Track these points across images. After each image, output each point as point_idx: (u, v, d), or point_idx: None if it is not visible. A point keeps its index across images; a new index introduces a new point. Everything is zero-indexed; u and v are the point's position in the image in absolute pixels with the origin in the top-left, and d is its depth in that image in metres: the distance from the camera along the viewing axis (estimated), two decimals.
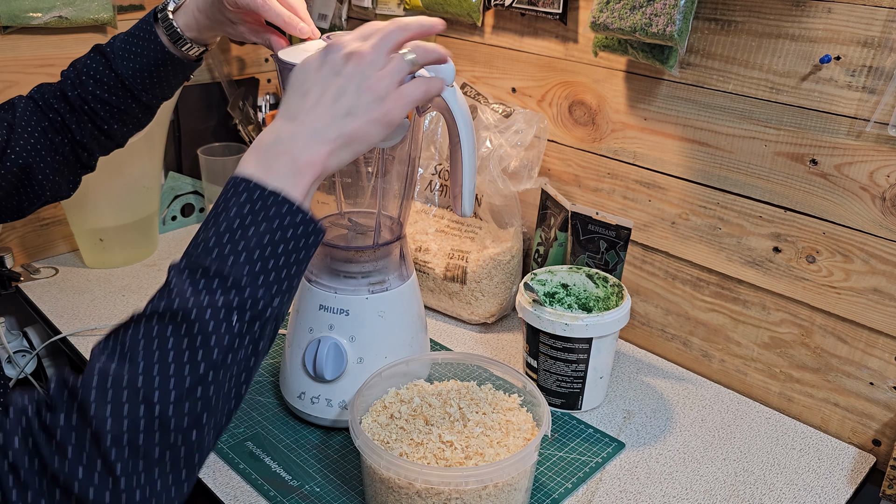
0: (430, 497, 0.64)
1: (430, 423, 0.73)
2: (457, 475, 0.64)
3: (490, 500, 0.66)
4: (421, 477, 0.64)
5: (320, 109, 0.55)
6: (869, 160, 0.78)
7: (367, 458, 0.67)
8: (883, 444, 0.84)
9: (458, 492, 0.64)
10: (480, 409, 0.74)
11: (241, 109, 1.32)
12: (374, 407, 0.76)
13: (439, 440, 0.70)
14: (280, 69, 0.72)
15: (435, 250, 1.04)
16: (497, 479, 0.64)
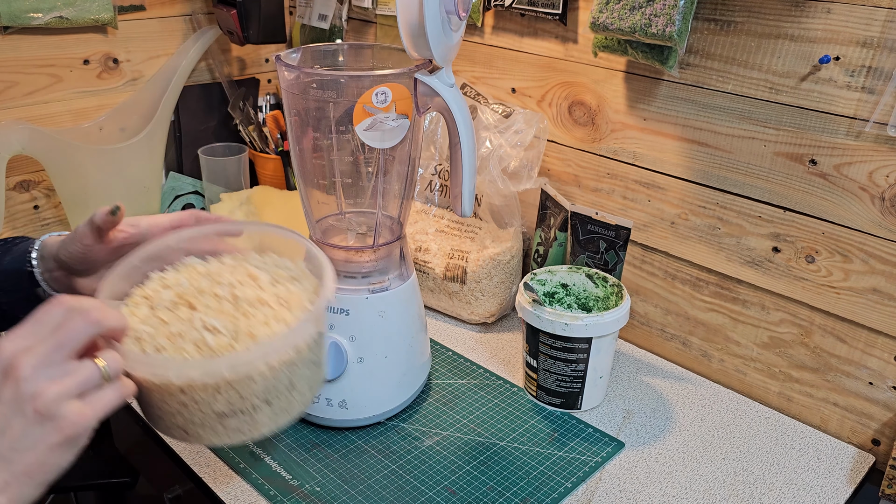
0: (197, 393, 0.52)
1: (194, 308, 0.57)
2: (213, 365, 0.51)
3: (269, 383, 0.53)
4: (175, 372, 0.51)
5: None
6: (868, 160, 0.78)
7: None
8: (882, 444, 0.84)
9: (226, 382, 0.51)
10: (257, 285, 0.59)
11: (242, 110, 1.32)
12: (132, 298, 0.59)
13: (203, 327, 0.55)
14: None
15: (435, 250, 1.05)
16: (269, 360, 0.52)
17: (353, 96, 0.73)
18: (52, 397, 0.45)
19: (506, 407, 0.89)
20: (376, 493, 0.75)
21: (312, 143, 0.81)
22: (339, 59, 0.86)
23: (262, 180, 1.35)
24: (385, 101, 0.73)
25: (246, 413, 0.53)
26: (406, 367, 0.85)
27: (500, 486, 0.77)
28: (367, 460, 0.80)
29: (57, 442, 0.46)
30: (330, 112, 0.77)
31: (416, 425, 0.85)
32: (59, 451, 0.46)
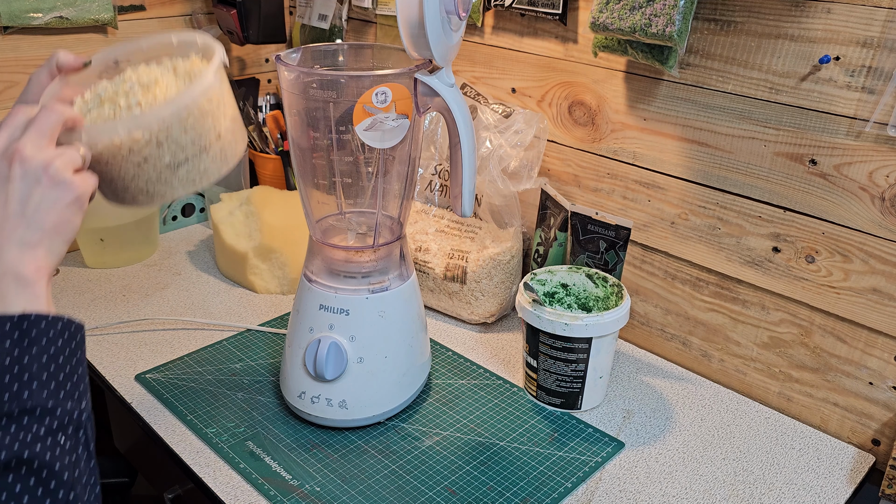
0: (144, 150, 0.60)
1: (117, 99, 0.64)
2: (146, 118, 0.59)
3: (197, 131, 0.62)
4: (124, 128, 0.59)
5: (11, 220, 0.54)
6: (868, 160, 0.78)
7: None
8: (882, 444, 0.84)
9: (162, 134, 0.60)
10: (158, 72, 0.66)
11: (242, 110, 1.32)
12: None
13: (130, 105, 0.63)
14: None
15: (435, 250, 1.05)
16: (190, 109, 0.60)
17: (353, 96, 0.73)
18: (60, 166, 0.55)
19: (506, 407, 0.89)
20: (376, 493, 0.75)
21: (312, 143, 0.81)
22: (339, 59, 0.86)
23: (262, 180, 1.35)
24: (385, 101, 0.73)
25: (190, 161, 0.63)
26: (406, 367, 0.85)
27: (500, 486, 0.77)
28: (367, 460, 0.80)
29: (70, 201, 0.55)
30: (330, 112, 0.77)
31: (416, 425, 0.85)
32: (72, 210, 0.56)
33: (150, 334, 1.01)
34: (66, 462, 0.50)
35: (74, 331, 0.55)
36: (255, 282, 1.12)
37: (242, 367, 0.95)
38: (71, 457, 0.51)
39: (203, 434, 0.82)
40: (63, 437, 0.51)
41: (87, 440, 0.53)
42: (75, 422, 0.52)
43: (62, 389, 0.52)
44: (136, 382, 0.91)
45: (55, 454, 0.50)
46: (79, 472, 0.51)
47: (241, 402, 0.88)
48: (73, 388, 0.53)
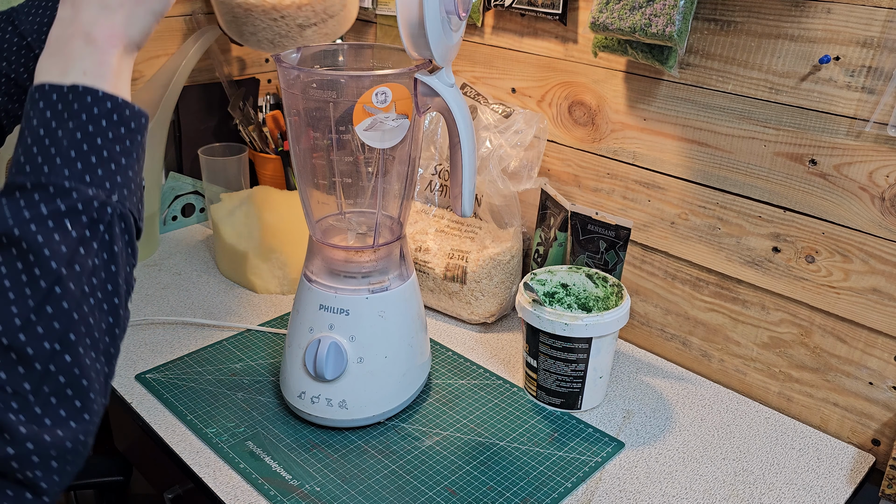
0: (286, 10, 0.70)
1: None
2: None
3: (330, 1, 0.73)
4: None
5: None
6: (868, 160, 0.78)
7: None
8: (882, 444, 0.84)
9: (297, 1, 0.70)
10: None
11: (242, 110, 1.32)
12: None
13: None
14: None
15: (435, 250, 1.05)
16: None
17: (353, 96, 0.73)
18: None
19: (506, 407, 0.89)
20: (376, 493, 0.75)
21: (312, 143, 0.81)
22: (339, 59, 0.86)
23: (261, 180, 1.35)
24: (385, 101, 0.73)
25: (318, 25, 0.73)
26: (406, 367, 0.85)
27: (500, 486, 0.77)
28: (367, 460, 0.80)
29: None
30: (330, 112, 0.77)
31: (416, 425, 0.85)
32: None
33: (150, 334, 1.01)
34: (61, 251, 0.44)
35: (128, 116, 0.49)
36: (255, 282, 1.12)
37: (242, 367, 0.95)
38: (71, 247, 0.45)
39: (203, 434, 0.82)
40: (70, 224, 0.45)
41: (107, 239, 0.47)
42: (93, 211, 0.46)
43: (89, 173, 0.46)
44: (136, 382, 0.91)
45: (50, 239, 0.44)
46: (78, 268, 0.45)
47: (241, 402, 0.88)
48: (105, 174, 0.47)
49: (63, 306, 0.44)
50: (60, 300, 0.44)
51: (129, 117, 0.49)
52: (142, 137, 0.50)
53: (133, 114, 0.49)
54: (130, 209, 0.49)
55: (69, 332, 0.44)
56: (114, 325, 0.48)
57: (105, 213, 0.47)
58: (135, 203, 0.50)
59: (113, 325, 0.48)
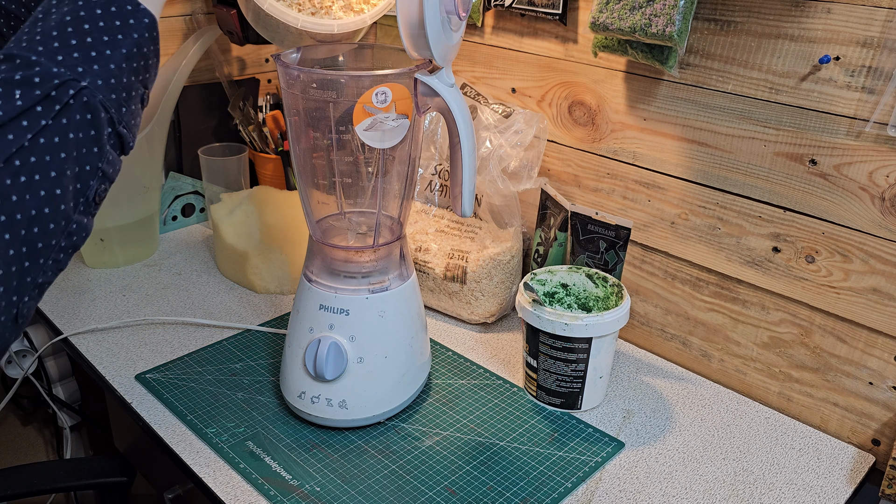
0: None
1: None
2: None
3: None
4: None
5: None
6: (868, 160, 0.78)
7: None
8: (882, 444, 0.84)
9: None
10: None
11: (242, 109, 1.32)
12: None
13: None
14: None
15: (435, 250, 1.05)
16: None
17: (353, 96, 0.73)
18: None
19: (506, 407, 0.89)
20: (376, 493, 0.75)
21: (312, 143, 0.81)
22: (339, 59, 0.86)
23: (261, 180, 1.35)
24: (385, 101, 0.73)
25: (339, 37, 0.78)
26: (406, 367, 0.85)
27: (500, 486, 0.77)
28: (367, 460, 0.80)
29: None
30: (330, 112, 0.77)
31: (416, 425, 0.85)
32: None
33: (150, 334, 1.01)
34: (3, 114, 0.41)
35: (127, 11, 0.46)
36: (255, 282, 1.12)
37: (242, 367, 0.95)
38: (9, 114, 0.41)
39: (203, 434, 0.82)
40: (19, 93, 0.42)
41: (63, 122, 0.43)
42: (50, 88, 0.43)
43: (63, 53, 0.44)
44: (136, 382, 0.91)
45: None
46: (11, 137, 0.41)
47: (241, 402, 0.88)
48: (80, 58, 0.44)
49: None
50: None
51: (127, 12, 0.47)
52: (139, 36, 0.47)
53: (134, 10, 0.47)
54: (104, 102, 0.45)
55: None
56: (47, 223, 0.43)
57: (65, 93, 0.43)
58: (115, 101, 0.46)
59: (46, 222, 0.43)
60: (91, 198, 0.47)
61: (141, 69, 0.48)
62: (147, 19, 0.48)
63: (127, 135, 0.48)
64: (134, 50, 0.47)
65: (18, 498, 0.94)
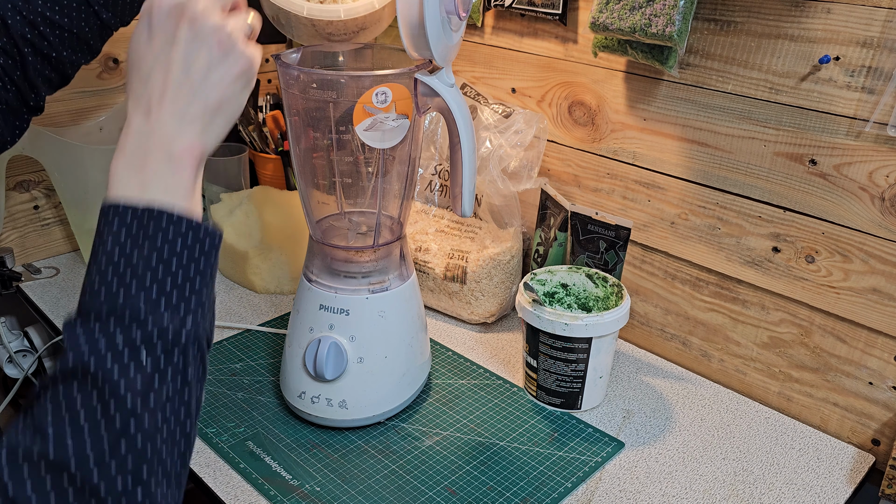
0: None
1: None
2: None
3: None
4: None
5: (173, 89, 0.49)
6: (868, 160, 0.78)
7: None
8: (882, 444, 0.84)
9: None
10: None
11: None
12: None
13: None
14: None
15: (435, 250, 1.05)
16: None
17: (353, 96, 0.73)
18: (233, 31, 0.50)
19: (506, 407, 0.89)
20: (376, 493, 0.75)
21: (312, 143, 0.81)
22: (339, 59, 0.86)
23: (262, 180, 1.35)
24: (385, 102, 0.73)
25: (349, 34, 0.78)
26: (406, 367, 0.85)
27: (500, 486, 0.77)
28: (367, 460, 0.80)
29: (239, 73, 0.51)
30: (330, 112, 0.77)
31: (416, 425, 0.85)
32: (240, 84, 0.51)
33: None
34: (136, 386, 0.43)
35: (202, 237, 0.48)
36: (255, 281, 1.12)
37: (242, 367, 0.95)
38: (146, 380, 0.44)
39: (203, 434, 0.82)
40: (146, 354, 0.44)
41: (181, 366, 0.46)
42: (168, 340, 0.45)
43: (164, 299, 0.46)
44: None
45: (125, 373, 0.43)
46: (153, 401, 0.44)
47: (241, 402, 0.88)
48: (179, 299, 0.46)
49: (137, 443, 0.43)
50: (135, 437, 0.43)
51: (203, 238, 0.48)
52: (215, 256, 0.49)
53: (207, 234, 0.48)
54: (204, 330, 0.48)
55: (142, 468, 0.43)
56: (185, 452, 0.47)
57: (179, 339, 0.46)
58: (207, 323, 0.49)
59: (184, 452, 0.47)
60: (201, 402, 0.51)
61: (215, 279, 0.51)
62: (217, 238, 0.49)
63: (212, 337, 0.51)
64: (213, 269, 0.49)
65: None
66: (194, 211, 0.49)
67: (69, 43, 0.72)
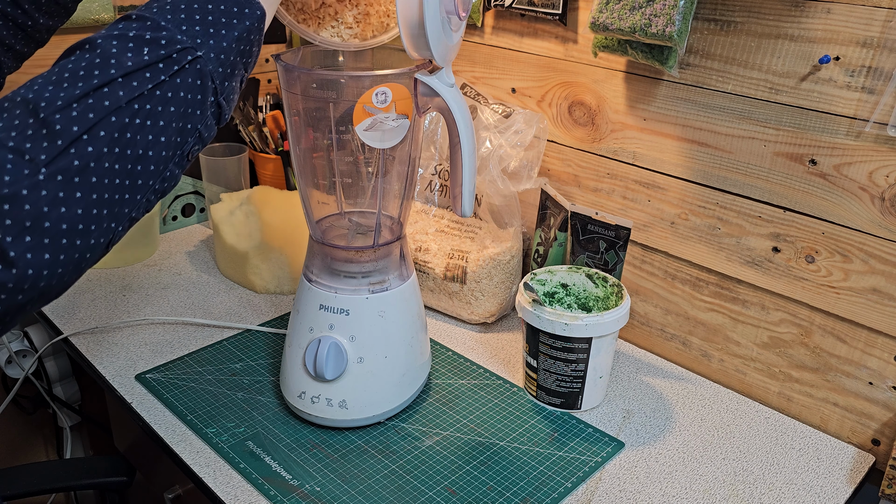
0: None
1: None
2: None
3: None
4: None
5: None
6: (868, 160, 0.78)
7: None
8: (882, 444, 0.84)
9: None
10: None
11: (242, 110, 1.32)
12: None
13: None
14: None
15: (435, 250, 1.05)
16: None
17: (353, 96, 0.73)
18: None
19: (506, 407, 0.89)
20: (376, 493, 0.75)
21: (312, 143, 0.81)
22: (339, 59, 0.86)
23: (262, 180, 1.35)
24: (385, 102, 0.73)
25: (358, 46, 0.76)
26: (406, 367, 0.85)
27: (500, 486, 0.77)
28: (367, 460, 0.80)
29: None
30: (330, 112, 0.77)
31: (416, 425, 0.85)
32: None
33: (150, 334, 1.01)
34: (126, 64, 0.48)
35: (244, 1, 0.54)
36: (255, 282, 1.12)
37: (242, 367, 0.95)
38: (137, 65, 0.48)
39: (203, 434, 0.83)
40: (147, 51, 0.49)
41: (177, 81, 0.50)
42: (173, 51, 0.50)
43: (187, 24, 0.51)
44: (136, 382, 0.91)
45: (122, 53, 0.48)
46: (135, 84, 0.48)
47: (241, 402, 0.88)
48: (201, 31, 0.51)
49: (104, 103, 0.47)
50: (104, 98, 0.47)
51: (245, 2, 0.54)
52: (250, 24, 0.55)
53: (251, 3, 0.55)
54: (212, 73, 0.52)
55: (100, 129, 0.46)
56: (149, 164, 0.50)
57: (184, 57, 0.50)
58: (221, 74, 0.53)
59: (148, 164, 0.50)
60: (186, 153, 0.54)
61: (245, 52, 0.56)
62: (259, 11, 0.55)
63: (225, 106, 0.56)
64: (244, 35, 0.55)
65: (18, 498, 0.94)
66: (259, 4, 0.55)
67: (46, 8, 0.73)
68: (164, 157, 0.51)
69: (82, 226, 0.46)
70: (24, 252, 0.44)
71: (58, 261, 0.46)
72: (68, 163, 0.45)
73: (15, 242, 0.43)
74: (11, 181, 0.43)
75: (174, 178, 0.54)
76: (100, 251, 0.49)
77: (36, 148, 0.44)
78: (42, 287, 0.45)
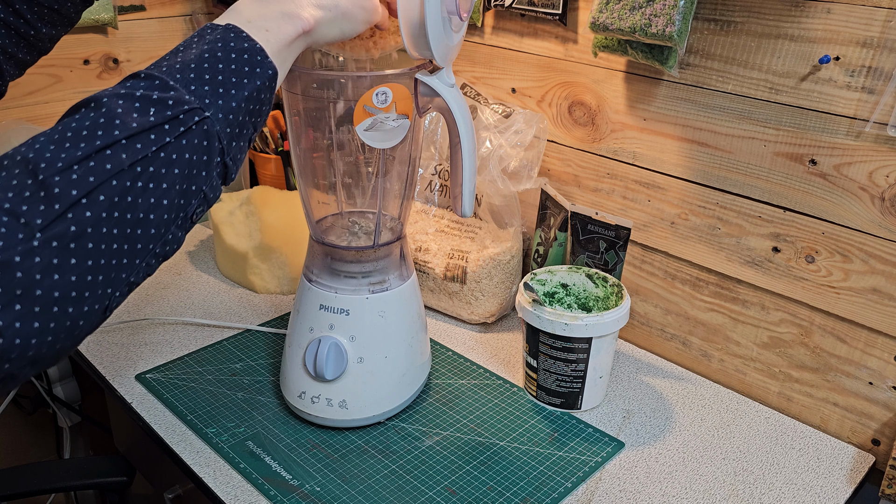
0: None
1: None
2: None
3: None
4: None
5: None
6: (868, 160, 0.78)
7: None
8: (882, 444, 0.84)
9: None
10: None
11: None
12: None
13: None
14: None
15: (435, 250, 1.05)
16: None
17: (353, 96, 0.73)
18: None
19: (506, 407, 0.89)
20: (376, 493, 0.75)
21: (312, 143, 0.81)
22: (339, 59, 0.86)
23: (262, 180, 1.35)
24: (385, 102, 0.73)
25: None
26: (406, 367, 0.85)
27: (500, 486, 0.77)
28: (367, 460, 0.80)
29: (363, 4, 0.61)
30: (330, 112, 0.77)
31: (416, 425, 0.85)
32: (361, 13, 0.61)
33: (150, 334, 1.01)
34: (130, 125, 0.46)
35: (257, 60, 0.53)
36: (255, 282, 1.12)
37: (242, 367, 0.95)
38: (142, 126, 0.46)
39: (203, 434, 0.83)
40: (153, 111, 0.47)
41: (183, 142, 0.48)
42: (180, 111, 0.48)
43: (196, 84, 0.50)
44: (136, 382, 0.91)
45: (127, 113, 0.46)
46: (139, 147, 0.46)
47: (241, 402, 0.88)
48: (210, 91, 0.50)
49: (106, 166, 0.45)
50: (106, 160, 0.45)
51: (257, 62, 0.53)
52: (260, 84, 0.53)
53: (262, 61, 0.53)
54: (220, 133, 0.51)
55: (100, 191, 0.45)
56: (150, 228, 0.48)
57: (191, 118, 0.49)
58: (228, 135, 0.52)
59: (149, 227, 0.48)
60: (189, 215, 0.51)
61: (255, 112, 0.54)
62: (270, 71, 0.54)
63: (231, 166, 0.54)
64: (254, 94, 0.53)
65: (18, 498, 0.94)
66: (271, 63, 0.54)
67: (48, 18, 0.72)
68: (165, 220, 0.49)
69: (76, 293, 0.44)
70: (13, 321, 0.41)
71: (48, 329, 0.43)
72: (65, 228, 0.43)
73: (3, 312, 0.41)
74: (4, 247, 0.41)
75: (177, 241, 0.51)
76: (96, 318, 0.47)
77: (32, 211, 0.42)
78: (31, 356, 0.43)
